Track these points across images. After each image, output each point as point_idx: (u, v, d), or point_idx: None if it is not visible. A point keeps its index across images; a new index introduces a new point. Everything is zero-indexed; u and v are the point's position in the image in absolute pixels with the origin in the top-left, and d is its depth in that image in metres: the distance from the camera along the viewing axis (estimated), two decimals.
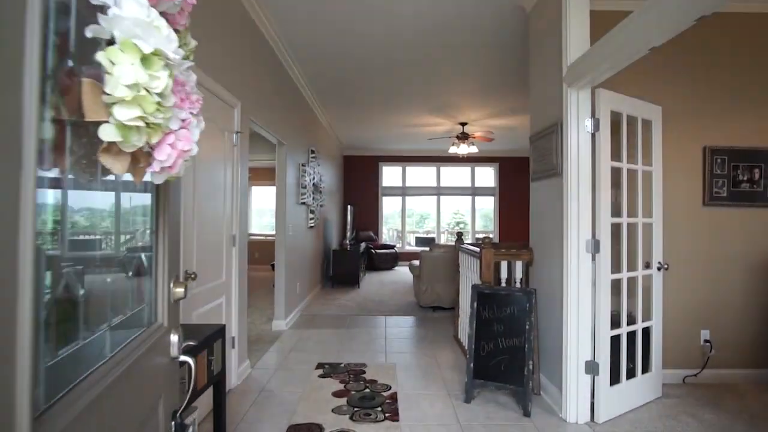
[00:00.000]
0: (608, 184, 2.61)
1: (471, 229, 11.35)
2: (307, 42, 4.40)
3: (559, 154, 2.76)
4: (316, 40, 4.36)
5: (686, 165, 3.34)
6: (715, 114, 3.36)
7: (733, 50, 3.36)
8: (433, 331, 4.77)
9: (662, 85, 3.32)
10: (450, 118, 7.61)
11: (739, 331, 3.33)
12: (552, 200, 2.93)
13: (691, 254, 3.32)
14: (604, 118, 2.58)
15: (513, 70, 5.12)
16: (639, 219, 2.84)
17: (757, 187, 3.33)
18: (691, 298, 3.32)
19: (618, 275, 2.70)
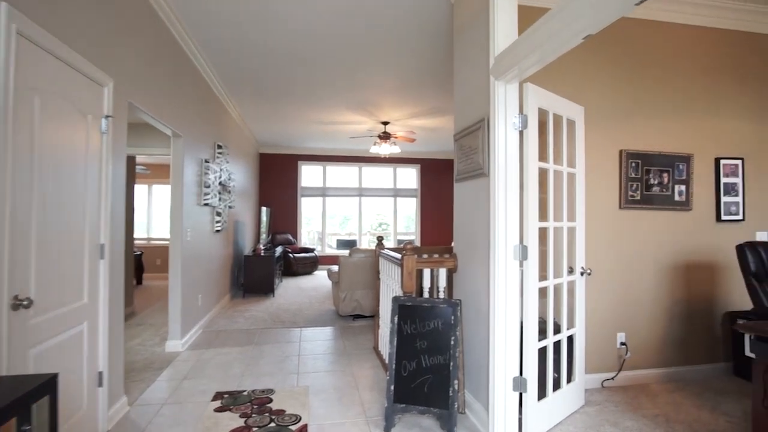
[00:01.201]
0: (536, 186, 2.43)
1: (393, 231, 11.20)
2: (212, 22, 3.82)
3: (486, 153, 2.54)
4: (222, 21, 3.79)
5: (604, 168, 3.33)
6: (631, 118, 3.39)
7: (651, 57, 3.42)
8: (353, 342, 4.41)
9: (583, 86, 3.27)
10: (372, 117, 7.32)
11: (650, 332, 3.39)
12: (478, 203, 2.70)
13: (609, 257, 3.32)
14: (532, 115, 2.40)
15: (436, 70, 4.94)
16: (564, 223, 2.71)
17: (666, 190, 3.42)
18: (608, 302, 3.31)
19: (545, 283, 2.55)
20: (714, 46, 3.55)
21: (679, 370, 3.43)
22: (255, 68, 4.97)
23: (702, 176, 3.52)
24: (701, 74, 3.53)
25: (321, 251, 10.81)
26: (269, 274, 6.94)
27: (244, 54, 4.54)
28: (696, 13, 3.44)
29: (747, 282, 2.89)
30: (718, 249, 3.55)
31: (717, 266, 3.55)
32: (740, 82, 3.61)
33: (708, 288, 3.53)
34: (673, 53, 3.47)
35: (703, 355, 3.51)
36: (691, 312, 3.48)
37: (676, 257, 3.46)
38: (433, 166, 11.10)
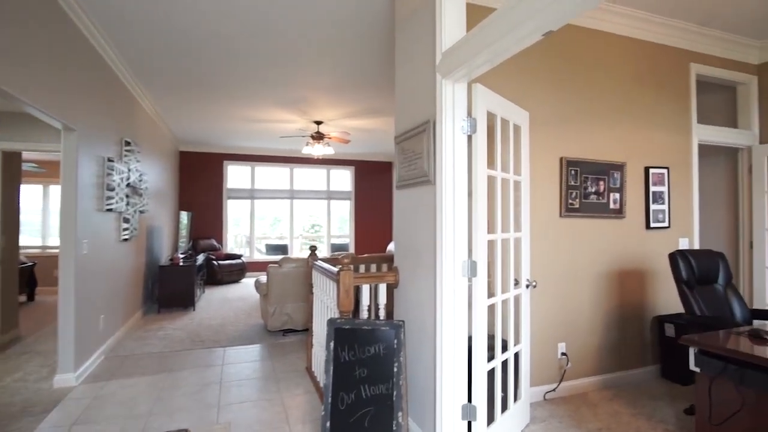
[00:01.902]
0: (485, 195, 2.25)
1: (326, 235, 10.81)
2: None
3: (431, 159, 2.31)
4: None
5: (545, 175, 3.26)
6: (570, 125, 3.36)
7: (589, 66, 3.41)
8: (283, 363, 4.01)
9: (525, 92, 3.17)
10: (304, 116, 6.91)
11: (588, 341, 3.38)
12: (422, 213, 2.47)
13: (550, 267, 3.25)
14: (481, 119, 2.21)
15: (373, 67, 4.68)
16: (511, 234, 2.56)
17: (602, 198, 3.44)
18: (549, 312, 3.24)
19: (493, 299, 2.37)
20: (643, 59, 3.64)
21: (614, 376, 3.46)
22: (168, 54, 4.38)
23: (634, 184, 3.59)
24: (632, 85, 3.60)
25: (249, 257, 10.13)
26: (189, 286, 6.27)
27: (154, 36, 3.96)
28: (628, 24, 3.50)
29: (679, 289, 2.94)
30: (647, 256, 3.64)
31: (646, 272, 3.64)
32: (664, 95, 3.74)
33: (639, 294, 3.61)
34: (608, 63, 3.50)
35: (635, 360, 3.57)
36: (625, 318, 3.53)
37: (612, 265, 3.49)
38: (368, 168, 10.87)
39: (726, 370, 1.99)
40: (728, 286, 3.07)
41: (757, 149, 4.16)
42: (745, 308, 3.02)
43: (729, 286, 3.08)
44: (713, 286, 3.06)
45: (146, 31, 3.83)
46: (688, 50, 3.85)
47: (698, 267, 3.00)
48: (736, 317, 2.98)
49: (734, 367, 1.96)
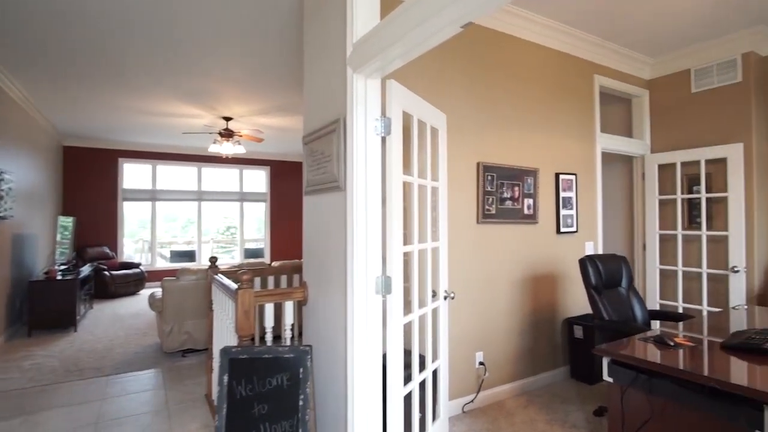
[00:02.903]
0: (400, 203, 2.04)
1: (240, 239, 10.11)
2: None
3: (341, 162, 2.06)
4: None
5: (462, 181, 3.16)
6: (487, 130, 3.30)
7: (506, 72, 3.38)
8: (179, 390, 3.50)
9: (443, 94, 3.05)
10: (211, 110, 6.31)
11: (504, 347, 3.36)
12: (332, 223, 2.21)
13: (467, 274, 3.16)
14: (396, 119, 2.00)
15: (288, 60, 4.32)
16: (428, 244, 2.40)
17: (517, 204, 3.43)
18: (467, 321, 3.15)
19: (409, 317, 2.17)
20: (553, 68, 3.72)
21: (529, 381, 3.47)
22: (39, 33, 3.65)
23: (545, 190, 3.65)
24: (544, 93, 3.66)
25: (150, 265, 9.13)
26: (69, 302, 5.38)
27: (19, 11, 3.25)
28: (540, 32, 3.55)
29: (589, 294, 3.00)
30: (557, 260, 3.72)
31: (557, 276, 3.72)
32: (572, 104, 3.86)
33: (550, 297, 3.67)
34: (522, 70, 3.51)
35: (548, 363, 3.63)
36: (538, 322, 3.57)
37: (526, 270, 3.51)
38: (285, 168, 10.36)
39: (637, 379, 1.98)
40: (630, 289, 3.21)
41: (648, 158, 4.49)
42: (644, 309, 3.16)
43: (631, 289, 3.21)
44: (617, 289, 3.17)
45: (8, 4, 3.13)
46: (593, 62, 4.02)
47: (605, 272, 3.08)
48: (638, 318, 3.11)
49: (644, 377, 1.96)
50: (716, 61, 4.01)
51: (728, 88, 3.94)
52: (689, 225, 4.26)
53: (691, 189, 4.23)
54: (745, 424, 1.62)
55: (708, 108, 4.07)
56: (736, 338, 2.13)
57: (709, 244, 4.09)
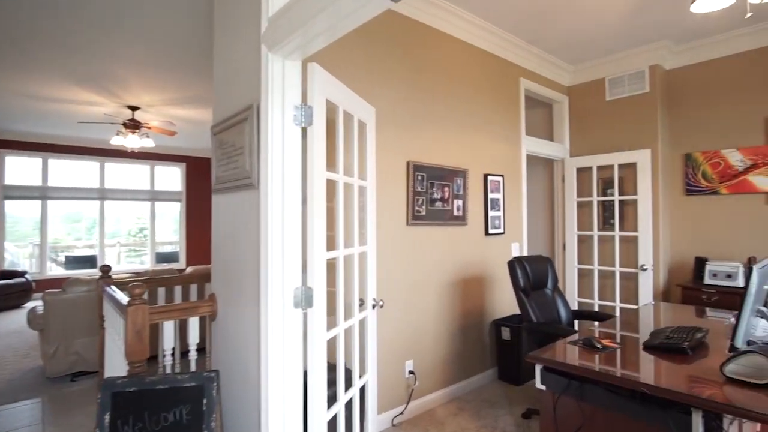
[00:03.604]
0: (324, 204, 1.81)
1: (150, 242, 9.19)
2: None
3: (255, 155, 1.78)
4: None
5: (392, 180, 2.99)
6: (418, 128, 3.16)
7: (439, 69, 3.27)
8: (65, 424, 2.96)
9: (372, 87, 2.85)
10: (113, 98, 5.58)
11: (434, 354, 3.24)
12: (244, 226, 1.91)
13: (396, 279, 3.00)
14: (319, 108, 1.76)
15: (199, 44, 3.88)
16: (355, 249, 2.18)
17: (447, 205, 3.34)
18: (396, 329, 2.99)
19: (334, 331, 1.94)
20: (484, 68, 3.69)
21: (459, 386, 3.40)
22: None
23: (474, 191, 3.60)
24: (474, 93, 3.61)
25: (40, 273, 7.97)
26: None
27: None
28: (471, 31, 3.49)
29: (517, 296, 2.98)
30: (486, 261, 3.70)
31: (485, 278, 3.70)
32: (500, 105, 3.87)
33: (479, 299, 3.64)
34: (453, 68, 3.43)
35: (477, 366, 3.59)
36: (467, 325, 3.51)
37: (456, 273, 3.43)
38: (202, 165, 9.60)
39: (569, 386, 1.93)
40: (555, 290, 3.25)
41: (568, 161, 4.67)
42: (568, 310, 3.22)
43: (556, 290, 3.25)
44: (544, 290, 3.19)
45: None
46: (519, 65, 4.07)
47: (532, 273, 3.08)
48: (562, 319, 3.15)
49: (576, 383, 1.90)
50: (627, 72, 4.25)
51: (638, 97, 4.19)
52: (604, 226, 4.49)
53: (606, 192, 4.45)
54: (674, 428, 1.60)
55: (620, 115, 4.31)
56: (655, 338, 2.16)
57: (621, 244, 4.32)
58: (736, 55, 3.80)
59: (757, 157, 3.71)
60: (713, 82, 3.94)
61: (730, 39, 3.78)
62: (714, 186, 3.95)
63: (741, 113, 3.79)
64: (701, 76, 4.01)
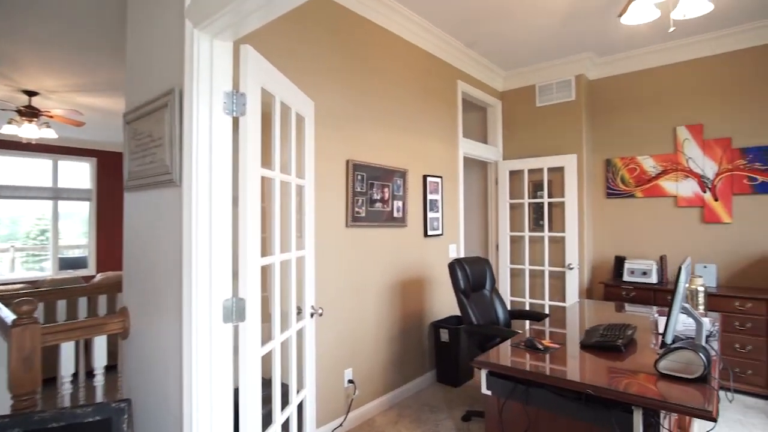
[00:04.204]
0: (258, 204, 1.62)
1: (53, 245, 8.14)
2: None
3: (176, 148, 1.54)
4: None
5: (330, 179, 2.83)
6: (358, 126, 3.03)
7: (381, 67, 3.15)
8: None
9: (311, 79, 2.68)
10: (5, 81, 4.83)
11: (374, 360, 3.13)
12: (163, 229, 1.66)
13: (336, 285, 2.84)
14: (253, 96, 1.57)
15: (110, 22, 3.43)
16: (293, 254, 2.00)
17: (387, 206, 3.25)
18: (336, 337, 2.83)
19: (269, 345, 1.75)
20: (424, 68, 3.65)
21: (399, 392, 3.31)
22: None
23: (414, 192, 3.55)
24: (414, 93, 3.56)
25: None
26: None
27: None
28: (413, 30, 3.43)
29: (458, 298, 2.96)
30: (425, 263, 3.66)
31: (424, 280, 3.66)
32: (439, 106, 3.86)
33: (418, 302, 3.59)
34: (396, 67, 3.34)
35: (416, 370, 3.53)
36: (407, 329, 3.45)
37: (396, 275, 3.35)
38: (115, 161, 8.70)
39: (515, 390, 1.91)
40: (493, 291, 3.28)
41: (501, 164, 4.79)
42: (506, 310, 3.26)
43: (494, 291, 3.28)
44: (482, 291, 3.21)
45: None
46: (457, 68, 4.09)
47: (472, 275, 3.08)
48: (500, 320, 3.19)
49: (522, 387, 1.88)
50: (556, 80, 4.45)
51: (565, 104, 4.40)
52: (534, 227, 4.66)
53: (536, 194, 4.63)
54: (617, 427, 1.62)
55: (549, 121, 4.50)
56: (591, 337, 2.22)
57: (550, 244, 4.51)
58: (650, 69, 4.12)
59: (667, 163, 4.05)
60: (630, 94, 4.24)
61: (644, 55, 4.08)
62: (631, 190, 4.25)
63: (654, 123, 4.11)
64: (620, 88, 4.30)
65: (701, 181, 3.87)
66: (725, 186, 3.75)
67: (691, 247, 3.91)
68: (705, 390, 1.61)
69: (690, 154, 3.93)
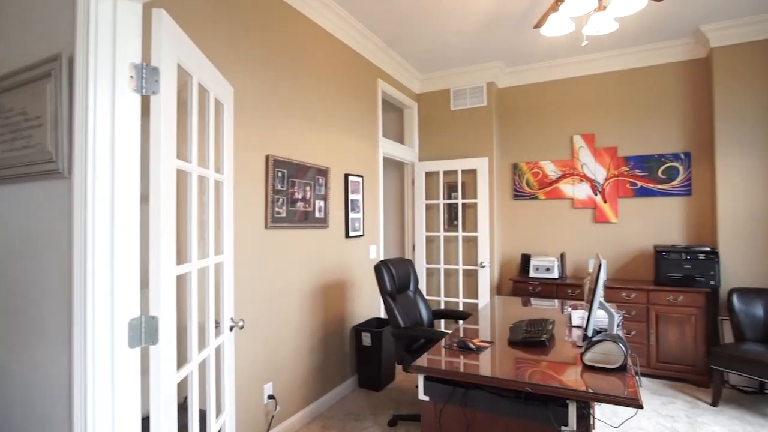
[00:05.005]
0: (173, 201, 1.36)
1: None
2: None
3: (63, 131, 1.22)
4: None
5: (249, 176, 2.57)
6: (279, 119, 2.80)
7: (306, 60, 2.94)
8: None
9: (229, 63, 2.39)
10: None
11: (295, 371, 2.92)
12: (41, 232, 1.31)
13: (255, 293, 2.59)
14: (168, 73, 1.30)
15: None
16: (211, 259, 1.74)
17: (309, 206, 3.06)
18: (254, 350, 2.57)
19: (185, 369, 1.49)
20: (346, 64, 3.52)
21: (321, 401, 3.14)
22: None
23: (335, 192, 3.40)
24: (337, 89, 3.41)
25: None
26: None
27: None
28: (336, 23, 3.28)
29: (385, 301, 2.88)
30: (346, 266, 3.54)
31: (346, 283, 3.53)
32: (360, 104, 3.76)
33: (340, 306, 3.44)
34: (319, 60, 3.16)
35: (338, 376, 3.39)
36: (328, 335, 3.28)
37: (318, 279, 3.17)
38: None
39: (454, 394, 1.87)
40: (417, 291, 3.27)
41: (418, 165, 4.85)
42: (429, 310, 3.27)
43: (417, 291, 3.27)
44: (407, 292, 3.17)
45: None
46: (377, 66, 4.03)
47: (398, 276, 3.03)
48: (424, 320, 3.18)
49: (461, 390, 1.85)
50: (469, 86, 4.62)
51: (477, 109, 4.59)
52: (449, 227, 4.79)
53: (451, 195, 4.76)
54: (554, 421, 1.66)
55: (463, 125, 4.66)
56: (517, 333, 2.29)
57: (464, 243, 4.67)
58: (553, 81, 4.46)
59: (565, 168, 4.42)
60: (535, 103, 4.56)
61: (548, 68, 4.42)
62: (535, 192, 4.57)
63: (555, 131, 4.47)
64: (526, 97, 4.61)
65: (593, 185, 4.29)
66: (612, 190, 4.21)
67: (585, 244, 4.32)
68: (625, 378, 1.72)
69: (584, 160, 4.34)
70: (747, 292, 3.35)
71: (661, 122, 4.02)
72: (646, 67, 4.06)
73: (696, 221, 3.89)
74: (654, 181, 4.04)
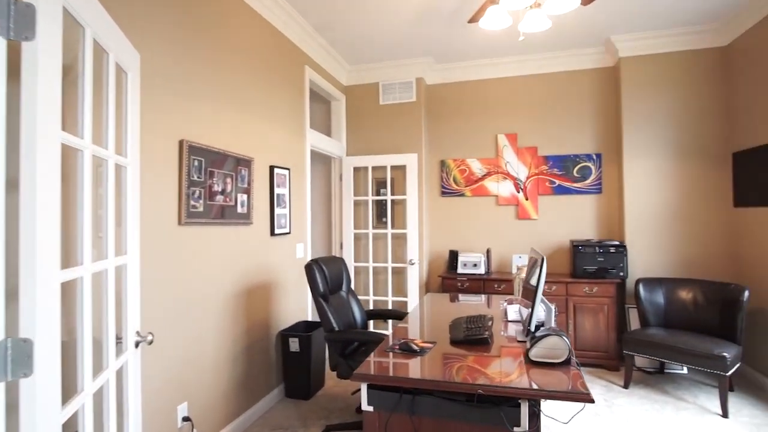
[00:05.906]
0: (56, 188, 1.04)
1: None
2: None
3: None
4: None
5: (160, 163, 2.20)
6: (195, 100, 2.44)
7: (232, 41, 2.59)
8: None
9: (141, 25, 2.01)
10: None
11: (214, 386, 2.58)
12: None
13: (166, 300, 2.22)
14: (50, 14, 0.98)
15: None
16: (110, 261, 1.41)
17: (230, 200, 2.73)
18: (166, 368, 2.21)
19: (76, 403, 1.17)
20: (271, 47, 3.21)
21: (245, 417, 2.83)
22: None
23: (260, 185, 3.10)
24: (261, 73, 3.10)
25: None
26: None
27: None
28: (265, 3, 2.98)
29: (317, 303, 2.66)
30: (271, 266, 3.25)
31: (271, 285, 3.24)
32: (286, 92, 3.47)
33: (264, 311, 3.15)
34: (241, 39, 2.83)
35: (262, 388, 3.09)
36: (252, 343, 2.98)
37: (240, 282, 2.85)
38: None
39: (401, 402, 1.73)
40: (350, 292, 3.09)
41: (346, 160, 4.67)
42: (362, 311, 3.11)
43: (350, 291, 3.09)
44: (339, 293, 2.98)
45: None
46: (305, 52, 3.78)
47: (330, 276, 2.83)
48: (358, 321, 3.01)
49: (409, 397, 1.72)
50: (399, 81, 4.54)
51: (407, 105, 4.52)
52: (378, 224, 4.67)
53: (380, 191, 4.65)
54: (507, 421, 1.59)
55: (392, 120, 4.57)
56: (458, 332, 2.21)
57: (393, 240, 4.58)
58: (480, 81, 4.54)
59: (490, 166, 4.53)
60: (462, 101, 4.61)
61: (475, 67, 4.48)
62: (461, 189, 4.62)
63: (481, 129, 4.55)
64: (453, 94, 4.64)
65: (516, 182, 4.44)
66: (533, 187, 4.39)
67: (509, 240, 4.46)
68: (570, 372, 1.71)
69: (508, 158, 4.47)
70: (650, 282, 3.66)
71: (576, 124, 4.27)
72: (564, 72, 4.28)
73: (607, 217, 4.19)
74: (570, 180, 4.28)
